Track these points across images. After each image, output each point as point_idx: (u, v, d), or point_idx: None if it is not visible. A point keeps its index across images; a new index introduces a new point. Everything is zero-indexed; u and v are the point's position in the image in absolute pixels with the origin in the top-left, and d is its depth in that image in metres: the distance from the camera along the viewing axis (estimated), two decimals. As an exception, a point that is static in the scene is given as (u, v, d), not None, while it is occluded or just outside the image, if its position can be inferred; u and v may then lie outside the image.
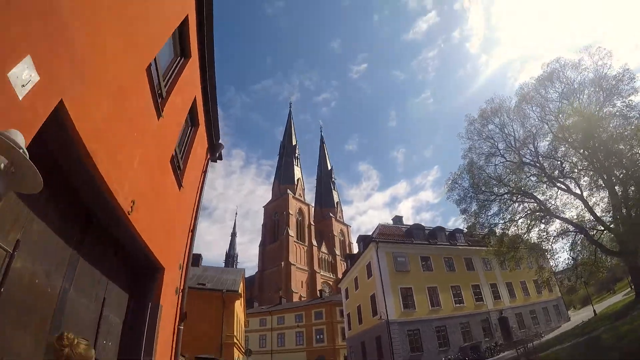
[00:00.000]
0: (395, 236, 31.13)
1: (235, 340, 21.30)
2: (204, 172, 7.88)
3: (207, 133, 7.76)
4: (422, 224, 33.68)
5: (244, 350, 26.78)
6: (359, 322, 30.92)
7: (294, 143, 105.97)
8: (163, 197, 4.76)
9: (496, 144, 24.45)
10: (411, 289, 27.76)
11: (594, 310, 27.17)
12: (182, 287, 6.20)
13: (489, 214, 24.60)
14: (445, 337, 27.10)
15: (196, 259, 28.74)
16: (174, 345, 5.57)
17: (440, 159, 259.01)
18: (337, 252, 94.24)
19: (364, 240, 32.05)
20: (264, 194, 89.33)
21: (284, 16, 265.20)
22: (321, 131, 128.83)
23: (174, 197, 5.42)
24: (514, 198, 23.76)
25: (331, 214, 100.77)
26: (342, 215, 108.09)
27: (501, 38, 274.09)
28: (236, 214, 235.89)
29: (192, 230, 6.81)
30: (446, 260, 31.73)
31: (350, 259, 36.41)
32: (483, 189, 24.13)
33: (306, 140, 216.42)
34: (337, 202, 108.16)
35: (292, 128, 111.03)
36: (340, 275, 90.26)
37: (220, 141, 8.46)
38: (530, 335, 31.55)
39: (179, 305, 6.04)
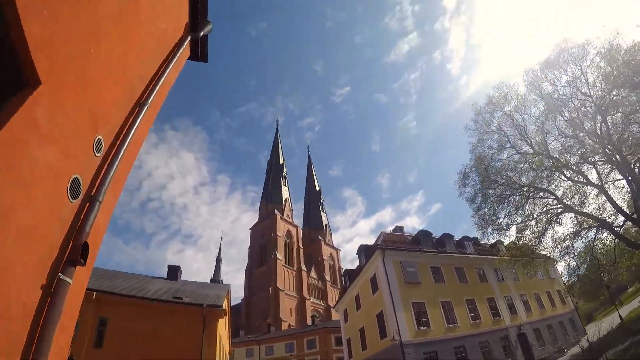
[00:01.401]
0: (401, 244, 27.76)
1: None
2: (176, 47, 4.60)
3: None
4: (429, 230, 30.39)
5: None
6: (363, 347, 26.76)
7: (281, 162, 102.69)
8: None
9: (506, 134, 22.27)
10: (424, 304, 24.16)
11: (620, 316, 25.24)
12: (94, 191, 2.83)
13: (502, 214, 22.30)
14: (464, 358, 23.39)
15: (173, 272, 24.56)
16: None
17: (425, 183, 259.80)
18: (327, 277, 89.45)
19: (365, 251, 28.46)
20: (250, 221, 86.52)
21: (267, 37, 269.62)
22: (308, 151, 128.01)
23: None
24: (529, 194, 21.43)
25: (320, 237, 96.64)
26: (332, 239, 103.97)
27: (481, 58, 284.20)
28: (221, 238, 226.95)
29: (141, 105, 3.51)
30: (457, 271, 28.45)
31: (349, 275, 32.45)
32: (495, 184, 21.84)
33: (291, 165, 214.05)
34: (325, 225, 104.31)
35: (280, 147, 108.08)
36: (330, 303, 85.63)
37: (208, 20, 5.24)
38: (552, 352, 28.54)
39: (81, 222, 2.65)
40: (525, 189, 21.45)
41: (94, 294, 17.33)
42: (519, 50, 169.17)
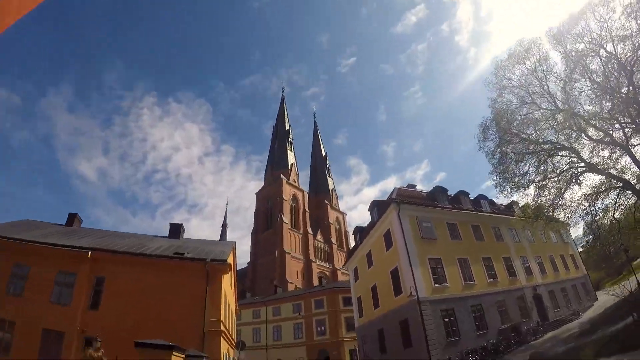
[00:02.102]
0: (416, 199, 26.13)
1: (223, 328, 16.02)
2: None
3: None
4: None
5: (234, 343, 21.60)
6: (375, 305, 25.84)
7: (287, 127, 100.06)
8: None
9: (527, 90, 21.11)
10: (440, 261, 22.86)
11: (638, 281, 23.80)
12: None
13: (521, 171, 21.88)
14: (482, 318, 22.36)
15: (175, 230, 23.26)
16: None
17: (430, 154, 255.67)
18: (334, 240, 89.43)
19: (378, 206, 26.90)
20: (255, 189, 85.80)
21: (271, 8, 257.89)
22: (314, 117, 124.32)
23: None
24: (550, 152, 20.82)
25: (326, 201, 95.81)
26: (338, 203, 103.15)
27: (491, 31, 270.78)
28: (227, 204, 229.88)
29: None
30: (474, 228, 27.05)
31: (360, 233, 31.19)
32: (517, 137, 21.21)
33: (296, 134, 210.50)
34: (332, 189, 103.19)
35: (285, 113, 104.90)
36: (337, 265, 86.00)
37: None
38: (567, 315, 27.68)
39: None
40: (546, 147, 20.84)
41: (89, 253, 16.07)
42: (531, 24, 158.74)
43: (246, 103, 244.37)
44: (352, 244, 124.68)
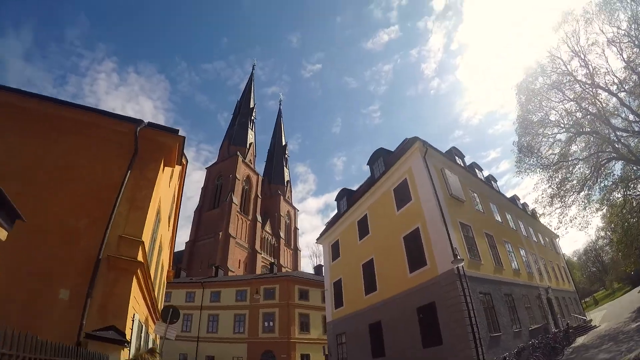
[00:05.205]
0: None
1: (140, 259, 7.71)
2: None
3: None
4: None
5: (157, 309, 12.98)
6: (368, 290, 18.58)
7: (252, 105, 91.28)
8: None
9: (562, 59, 19.69)
10: (471, 229, 16.77)
11: None
12: None
13: (545, 146, 21.15)
14: (514, 312, 16.55)
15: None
16: None
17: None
18: (282, 235, 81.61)
19: (386, 156, 20.32)
20: (200, 180, 76.67)
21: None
22: (280, 104, 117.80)
23: None
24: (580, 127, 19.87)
25: (279, 192, 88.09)
26: (291, 196, 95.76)
27: (458, 65, 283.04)
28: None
29: None
30: (492, 204, 22.00)
31: (347, 197, 23.99)
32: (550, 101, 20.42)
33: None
34: (287, 181, 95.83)
35: (253, 90, 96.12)
36: (283, 262, 77.91)
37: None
38: (580, 323, 23.51)
39: None
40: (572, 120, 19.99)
41: None
42: (500, 67, 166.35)
43: (206, 89, 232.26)
44: (300, 243, 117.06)
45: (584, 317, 27.43)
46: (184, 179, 16.00)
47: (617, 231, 23.81)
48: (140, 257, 7.44)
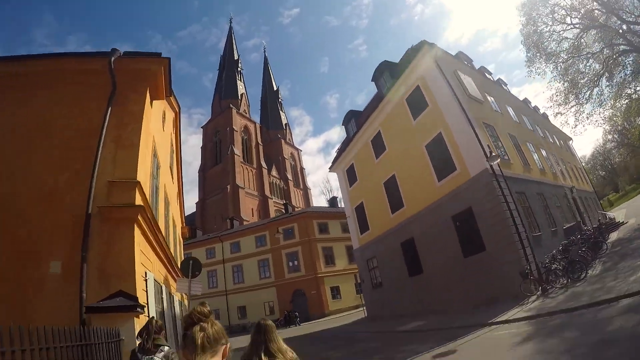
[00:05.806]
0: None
1: (140, 202, 6.45)
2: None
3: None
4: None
5: (175, 264, 11.62)
6: (394, 208, 17.71)
7: (236, 57, 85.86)
8: None
9: None
10: (494, 129, 15.53)
11: None
12: None
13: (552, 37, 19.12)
14: (548, 211, 15.83)
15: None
16: None
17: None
18: (289, 177, 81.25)
19: (391, 69, 18.45)
20: (198, 142, 74.89)
21: None
22: (265, 51, 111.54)
23: None
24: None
25: (279, 136, 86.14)
26: (292, 138, 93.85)
27: None
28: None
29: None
30: (508, 106, 20.61)
31: (355, 118, 22.39)
32: None
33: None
34: (285, 124, 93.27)
35: (234, 42, 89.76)
36: (295, 203, 78.32)
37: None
38: (607, 222, 22.93)
39: None
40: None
41: None
42: None
43: (184, 55, 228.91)
44: (308, 181, 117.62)
45: (610, 215, 27.06)
46: (180, 127, 14.51)
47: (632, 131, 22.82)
48: (139, 201, 6.28)
